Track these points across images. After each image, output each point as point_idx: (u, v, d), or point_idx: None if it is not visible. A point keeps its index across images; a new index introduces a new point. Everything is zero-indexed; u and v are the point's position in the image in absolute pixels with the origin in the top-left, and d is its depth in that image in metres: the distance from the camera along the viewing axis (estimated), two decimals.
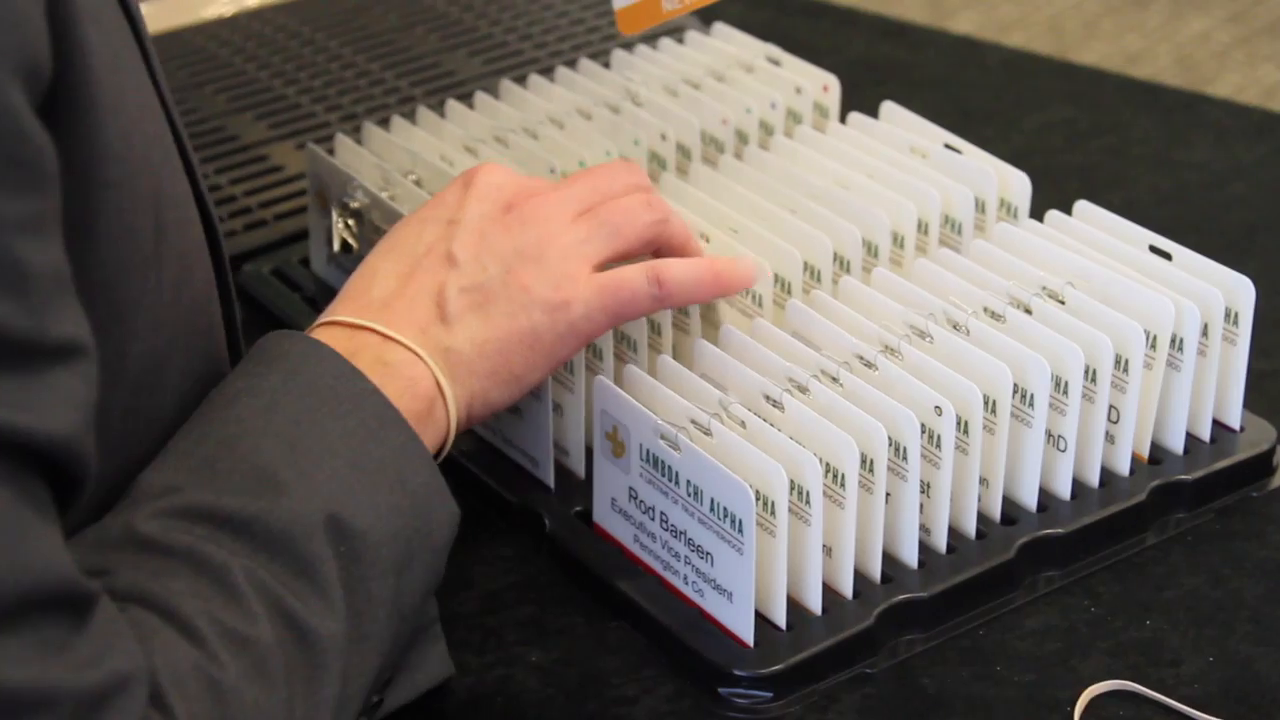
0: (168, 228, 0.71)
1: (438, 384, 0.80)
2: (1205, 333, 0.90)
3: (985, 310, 0.89)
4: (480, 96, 1.09)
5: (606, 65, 1.13)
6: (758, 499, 0.79)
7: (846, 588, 0.84)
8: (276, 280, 1.09)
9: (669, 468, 0.82)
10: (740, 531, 0.79)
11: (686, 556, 0.83)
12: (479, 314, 0.82)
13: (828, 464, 0.81)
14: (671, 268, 0.85)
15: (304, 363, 0.76)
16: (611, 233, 0.85)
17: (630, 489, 0.85)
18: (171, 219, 0.72)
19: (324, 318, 0.82)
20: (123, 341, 0.69)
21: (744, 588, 0.80)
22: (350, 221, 1.02)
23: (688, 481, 0.82)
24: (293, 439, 0.73)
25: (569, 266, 0.83)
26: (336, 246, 1.03)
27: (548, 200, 0.86)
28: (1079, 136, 1.26)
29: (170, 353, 0.73)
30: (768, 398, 0.84)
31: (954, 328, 0.88)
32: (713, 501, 0.80)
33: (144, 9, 0.76)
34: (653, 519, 0.84)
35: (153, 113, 0.72)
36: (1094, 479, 0.90)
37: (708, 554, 0.82)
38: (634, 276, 0.84)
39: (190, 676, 0.64)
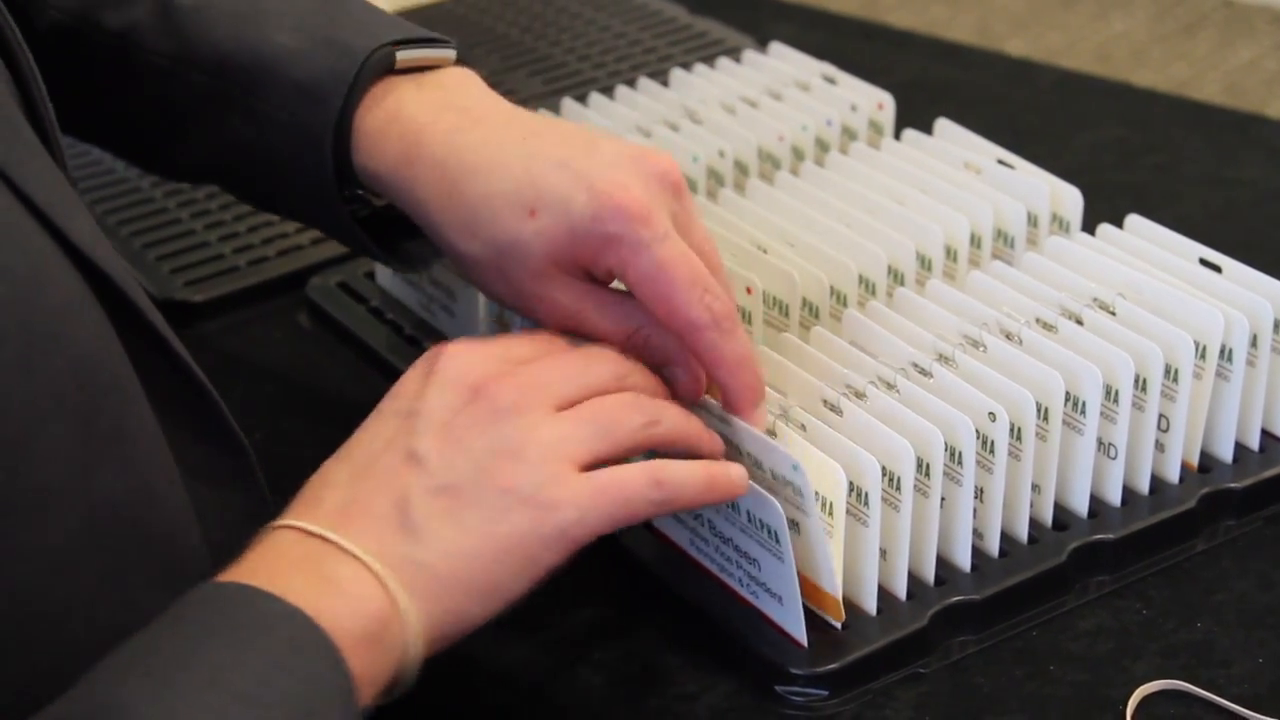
0: None
1: (393, 602, 0.68)
2: (1254, 343, 0.92)
3: (1038, 320, 0.90)
4: (542, 114, 1.12)
5: (665, 84, 1.16)
6: (818, 499, 0.81)
7: (901, 589, 0.85)
8: (342, 293, 1.12)
9: None
10: (777, 541, 0.81)
11: (737, 561, 0.85)
12: (451, 521, 0.71)
13: (884, 467, 0.83)
14: (674, 471, 0.75)
15: (201, 596, 0.66)
16: (599, 433, 0.74)
17: None
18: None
19: (275, 522, 0.71)
20: None
21: (791, 591, 0.82)
22: None
23: None
24: (165, 675, 0.62)
25: (554, 466, 0.72)
26: None
27: (522, 387, 0.74)
28: (1130, 155, 1.27)
29: (33, 425, 0.64)
30: (826, 403, 0.86)
31: (1007, 337, 0.89)
32: (748, 513, 0.82)
33: None
34: (703, 525, 0.86)
35: None
36: (1144, 486, 0.91)
37: (754, 560, 0.83)
38: (634, 479, 0.74)
39: None
